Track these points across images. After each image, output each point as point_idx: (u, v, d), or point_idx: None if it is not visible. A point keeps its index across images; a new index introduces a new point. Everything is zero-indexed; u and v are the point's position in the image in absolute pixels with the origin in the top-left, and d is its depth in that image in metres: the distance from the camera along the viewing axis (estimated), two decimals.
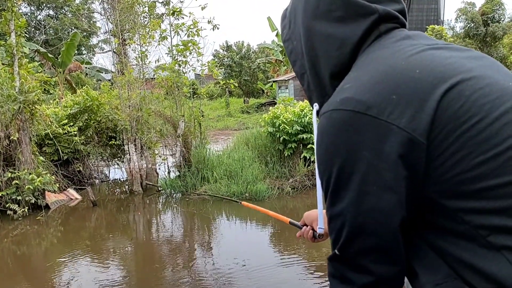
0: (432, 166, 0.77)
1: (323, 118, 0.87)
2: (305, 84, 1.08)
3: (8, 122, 7.85)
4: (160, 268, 5.33)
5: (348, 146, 0.81)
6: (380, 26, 0.95)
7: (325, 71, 0.99)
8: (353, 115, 0.80)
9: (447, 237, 0.80)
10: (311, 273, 4.89)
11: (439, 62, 0.84)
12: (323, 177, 0.87)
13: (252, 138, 9.91)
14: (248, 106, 26.96)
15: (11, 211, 7.51)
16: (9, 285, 4.88)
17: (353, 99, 0.82)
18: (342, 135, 0.82)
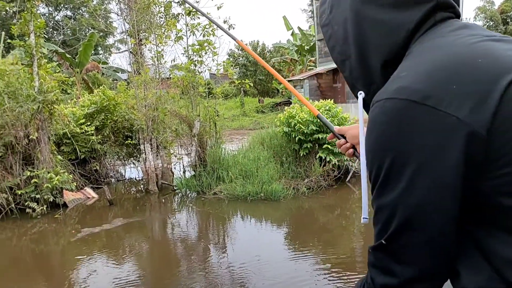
0: (490, 160, 0.74)
1: (376, 107, 0.84)
2: (346, 71, 1.04)
3: (27, 121, 7.97)
4: (175, 267, 5.36)
5: (402, 136, 0.78)
6: (436, 14, 0.91)
7: (375, 58, 0.95)
8: (408, 104, 0.78)
9: (498, 235, 0.77)
10: (326, 272, 4.86)
11: (501, 54, 0.80)
12: (372, 166, 0.84)
13: (267, 138, 9.90)
14: (263, 106, 26.95)
15: (30, 209, 7.62)
16: (27, 282, 4.95)
17: (409, 88, 0.79)
18: (396, 124, 0.79)
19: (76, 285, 4.86)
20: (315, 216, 7.73)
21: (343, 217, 7.66)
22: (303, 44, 28.47)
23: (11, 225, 7.37)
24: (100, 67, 22.06)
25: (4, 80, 8.32)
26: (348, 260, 5.31)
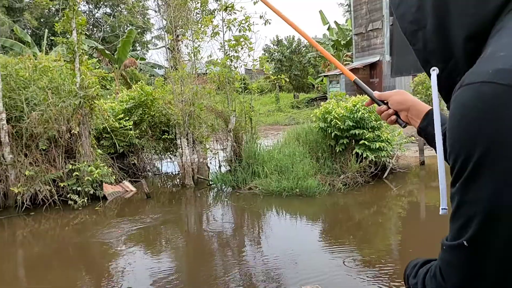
0: None
1: (467, 90, 0.75)
2: (418, 43, 0.94)
3: (69, 116, 8.22)
4: (211, 259, 5.42)
5: (499, 126, 0.69)
6: None
7: (458, 30, 0.85)
8: (510, 91, 0.69)
9: None
10: (360, 268, 4.81)
11: None
12: (458, 156, 0.76)
13: (303, 134, 9.85)
14: (298, 101, 26.81)
15: (72, 201, 7.87)
16: (69, 271, 5.12)
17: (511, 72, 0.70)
18: (493, 113, 0.70)
19: (114, 275, 4.99)
20: (351, 213, 7.65)
21: (379, 214, 7.54)
22: (340, 39, 28.12)
23: (55, 216, 7.64)
24: (137, 63, 22.49)
25: (48, 76, 8.61)
26: (383, 258, 5.23)
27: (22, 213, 7.66)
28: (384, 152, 8.79)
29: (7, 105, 8.03)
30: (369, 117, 8.63)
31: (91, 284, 4.79)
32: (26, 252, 6.27)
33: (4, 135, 7.78)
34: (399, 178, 9.49)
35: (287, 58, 34.83)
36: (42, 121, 8.00)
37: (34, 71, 8.59)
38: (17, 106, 8.14)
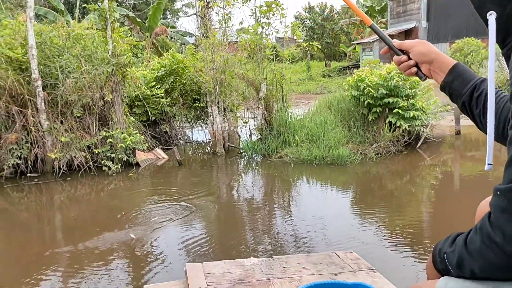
0: None
1: None
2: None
3: (102, 84, 8.33)
4: (241, 227, 5.47)
5: None
6: None
7: None
8: None
9: None
10: (391, 237, 4.76)
11: None
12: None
13: (334, 102, 9.70)
14: (329, 70, 26.37)
15: (106, 168, 8.06)
16: (103, 233, 5.27)
17: None
18: None
19: (146, 239, 5.11)
20: (383, 182, 7.55)
21: (412, 183, 7.42)
22: (373, 5, 27.27)
23: (90, 181, 7.85)
24: (168, 31, 22.47)
25: (81, 44, 8.70)
26: (415, 227, 5.16)
27: (59, 178, 7.90)
28: (418, 121, 8.57)
29: (43, 73, 8.18)
30: (404, 85, 8.40)
31: (124, 247, 4.92)
32: (63, 216, 6.49)
33: (41, 102, 7.96)
34: (433, 147, 9.28)
35: (318, 25, 34.07)
36: (76, 88, 8.13)
37: (67, 39, 8.69)
38: (52, 74, 8.29)
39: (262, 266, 2.22)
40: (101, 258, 4.51)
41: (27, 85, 8.00)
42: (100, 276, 4.11)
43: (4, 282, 4.17)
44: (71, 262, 4.46)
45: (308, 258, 2.33)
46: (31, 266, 4.42)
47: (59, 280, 4.07)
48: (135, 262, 4.45)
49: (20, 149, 7.86)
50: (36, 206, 6.97)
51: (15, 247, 5.14)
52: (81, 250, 4.73)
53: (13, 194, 7.35)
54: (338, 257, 2.33)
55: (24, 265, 4.51)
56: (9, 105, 7.79)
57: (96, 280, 4.02)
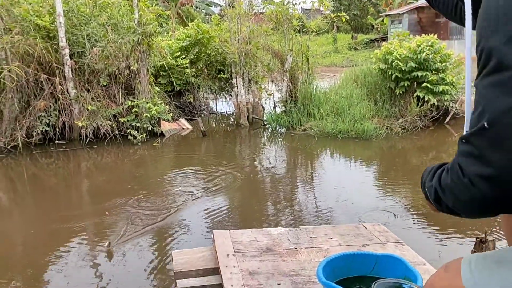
0: None
1: None
2: None
3: (128, 53, 8.34)
4: (263, 200, 5.49)
5: None
6: None
7: None
8: None
9: None
10: (415, 213, 4.71)
11: None
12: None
13: (361, 75, 9.52)
14: (356, 43, 25.82)
15: (132, 137, 8.15)
16: (128, 200, 5.36)
17: None
18: None
19: (169, 207, 5.18)
20: (408, 157, 7.45)
21: (438, 159, 7.29)
22: None
23: (115, 150, 7.96)
24: (193, 1, 22.25)
25: (107, 12, 8.69)
26: None
27: (86, 146, 8.04)
28: (448, 96, 8.36)
29: (70, 41, 8.23)
30: (434, 58, 8.16)
31: (148, 213, 5.01)
32: (90, 182, 6.61)
33: (68, 70, 8.04)
34: (462, 123, 9.03)
35: None
36: (103, 57, 8.17)
37: (94, 7, 8.68)
38: (79, 42, 8.33)
39: (289, 235, 2.23)
40: (126, 224, 4.60)
41: (55, 53, 8.07)
42: (117, 248, 4.20)
43: (32, 245, 4.31)
44: (97, 227, 4.56)
45: (334, 229, 2.31)
46: (58, 231, 4.54)
47: (85, 244, 4.18)
48: (161, 230, 4.53)
49: (49, 117, 8.00)
50: (64, 172, 7.12)
51: (43, 211, 5.28)
52: (106, 216, 4.84)
53: (41, 160, 7.53)
54: (366, 229, 2.31)
55: (51, 229, 4.64)
56: (38, 73, 7.89)
57: (122, 245, 4.11)
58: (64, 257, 3.92)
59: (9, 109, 7.70)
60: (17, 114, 7.81)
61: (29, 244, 4.40)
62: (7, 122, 7.72)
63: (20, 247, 4.44)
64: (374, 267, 1.64)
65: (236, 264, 1.94)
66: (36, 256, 4.00)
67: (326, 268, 1.56)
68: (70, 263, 3.79)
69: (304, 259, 1.99)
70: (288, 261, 1.96)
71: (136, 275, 3.58)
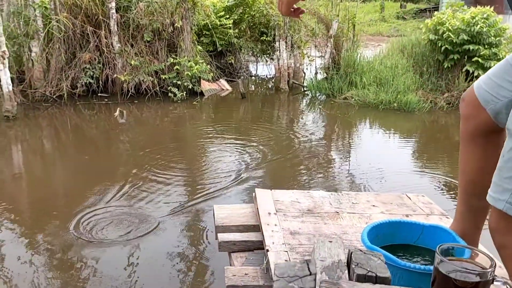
0: None
1: None
2: None
3: (173, 10, 8.31)
4: (297, 164, 5.46)
5: None
6: None
7: None
8: None
9: None
10: (452, 192, 4.60)
11: None
12: None
13: (408, 46, 9.18)
14: (404, 12, 24.84)
15: (172, 94, 8.22)
16: (164, 155, 5.47)
17: None
18: None
19: (205, 166, 5.25)
20: (450, 133, 7.22)
21: None
22: None
23: (155, 106, 8.07)
24: None
25: None
26: None
27: (127, 100, 8.18)
28: None
29: None
30: (488, 32, 7.76)
31: (184, 165, 5.11)
32: (129, 136, 6.74)
33: (113, 24, 8.10)
34: None
35: None
36: (148, 12, 8.18)
37: None
38: None
39: (330, 199, 2.21)
40: (164, 178, 4.70)
41: (102, 5, 8.13)
42: (163, 191, 4.30)
43: (73, 193, 4.47)
44: (134, 179, 4.68)
45: (377, 197, 2.28)
46: (96, 181, 4.68)
47: (125, 197, 4.30)
48: (199, 183, 4.61)
49: (93, 69, 8.15)
50: (105, 125, 7.28)
51: (84, 161, 5.45)
52: (144, 169, 4.95)
53: (84, 111, 7.72)
54: (409, 199, 2.27)
55: (91, 180, 4.78)
56: (84, 25, 7.99)
57: (158, 196, 4.22)
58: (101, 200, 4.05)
59: (55, 59, 7.88)
60: (63, 65, 7.99)
61: (69, 192, 4.58)
62: (54, 72, 7.91)
63: (61, 194, 4.63)
64: (419, 236, 1.61)
65: (278, 222, 1.95)
66: (74, 201, 4.14)
67: (371, 233, 1.55)
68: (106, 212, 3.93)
69: (346, 223, 1.97)
70: (330, 224, 1.96)
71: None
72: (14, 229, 3.66)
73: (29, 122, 7.05)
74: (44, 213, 3.94)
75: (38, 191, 4.60)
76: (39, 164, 5.59)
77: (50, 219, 3.78)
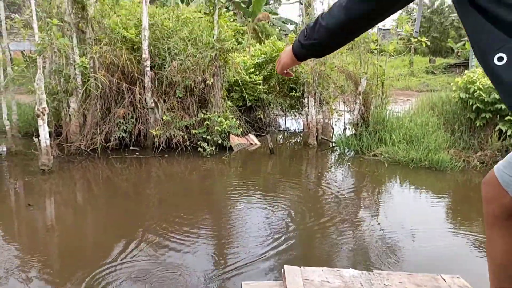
0: None
1: None
2: None
3: (205, 67, 8.58)
4: (326, 220, 5.37)
5: None
6: None
7: None
8: None
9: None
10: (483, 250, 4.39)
11: None
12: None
13: (439, 103, 9.15)
14: (434, 66, 24.93)
15: (202, 149, 8.34)
16: (193, 210, 5.47)
17: None
18: None
19: (233, 219, 5.22)
20: None
21: None
22: None
23: (185, 160, 8.18)
24: (270, 17, 22.58)
25: (188, 27, 9.01)
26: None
27: (158, 154, 8.34)
28: None
29: (152, 53, 8.61)
30: None
31: (212, 222, 5.08)
32: (158, 190, 6.82)
33: (148, 80, 8.41)
34: None
35: (426, 18, 32.28)
36: (181, 70, 8.46)
37: (176, 22, 9.04)
38: (160, 55, 8.69)
39: (361, 279, 2.15)
40: (189, 237, 4.68)
41: (137, 64, 8.48)
42: (184, 258, 4.26)
43: (100, 244, 4.49)
44: (161, 235, 4.67)
45: (410, 277, 2.20)
46: (125, 234, 4.70)
47: (150, 250, 4.29)
48: (225, 253, 4.56)
49: (126, 123, 8.39)
50: (135, 178, 7.40)
51: (114, 214, 5.51)
52: (172, 225, 4.95)
53: (116, 165, 7.89)
54: (444, 281, 2.18)
55: (119, 232, 4.81)
56: (120, 82, 8.32)
57: (180, 261, 4.18)
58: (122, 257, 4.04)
59: (92, 114, 8.17)
60: (98, 120, 8.27)
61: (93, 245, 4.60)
62: (89, 127, 8.19)
63: (89, 246, 4.65)
64: None
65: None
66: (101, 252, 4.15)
67: None
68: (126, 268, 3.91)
69: None
70: None
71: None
72: (45, 280, 3.68)
73: (64, 175, 7.24)
74: (72, 265, 3.95)
75: (68, 243, 4.65)
76: (70, 216, 5.67)
77: (77, 270, 3.79)
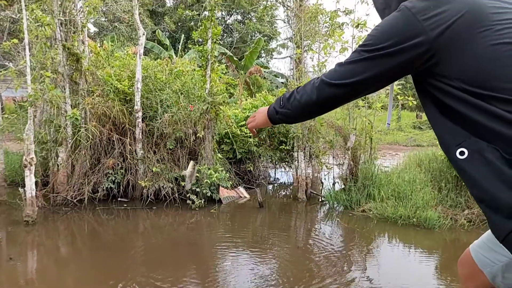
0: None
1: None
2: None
3: (196, 120, 8.69)
4: (316, 277, 5.29)
5: None
6: None
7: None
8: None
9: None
10: None
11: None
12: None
13: (425, 160, 9.29)
14: (421, 122, 25.44)
15: (190, 201, 8.30)
16: (179, 264, 5.37)
17: None
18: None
19: (219, 275, 5.12)
20: None
21: None
22: None
23: (173, 213, 8.12)
24: (262, 71, 23.15)
25: (181, 80, 9.21)
26: None
27: (146, 206, 8.27)
28: None
29: (144, 105, 8.74)
30: None
31: (197, 278, 4.98)
32: (145, 243, 6.72)
33: (139, 132, 8.47)
34: None
35: None
36: (172, 122, 8.56)
37: (169, 75, 9.24)
38: (152, 106, 8.83)
39: None
40: None
41: (129, 115, 8.57)
42: None
43: None
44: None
45: None
46: None
47: None
48: None
49: (115, 174, 8.37)
50: (122, 230, 7.30)
51: (96, 268, 5.39)
52: (156, 280, 4.85)
53: (103, 216, 7.79)
54: None
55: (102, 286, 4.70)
56: (111, 133, 8.38)
57: None
58: None
59: (80, 164, 8.16)
60: (87, 170, 8.24)
61: None
62: (77, 177, 8.15)
63: None
64: None
65: None
66: None
67: None
68: None
69: None
70: None
71: None
72: None
73: (48, 226, 7.12)
74: None
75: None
76: (52, 270, 5.54)
77: None
